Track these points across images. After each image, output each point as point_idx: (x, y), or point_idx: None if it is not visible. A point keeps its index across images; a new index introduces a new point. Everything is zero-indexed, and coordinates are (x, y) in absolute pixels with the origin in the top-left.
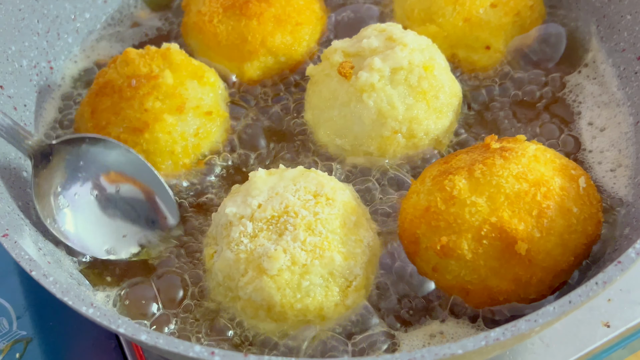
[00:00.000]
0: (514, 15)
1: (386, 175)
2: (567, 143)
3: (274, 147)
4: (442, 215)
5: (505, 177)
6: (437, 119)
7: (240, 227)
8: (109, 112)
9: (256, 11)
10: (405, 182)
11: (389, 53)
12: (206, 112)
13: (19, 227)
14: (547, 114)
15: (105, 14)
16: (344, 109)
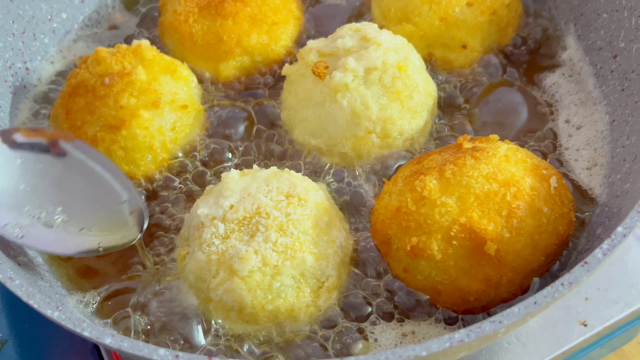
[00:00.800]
0: (490, 14)
1: (361, 175)
2: (544, 141)
3: (249, 147)
4: (413, 215)
5: (475, 178)
6: (411, 118)
7: (212, 229)
8: (84, 111)
9: (231, 11)
10: (379, 182)
11: (363, 53)
12: (182, 105)
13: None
14: (523, 112)
15: (82, 14)
16: (318, 109)
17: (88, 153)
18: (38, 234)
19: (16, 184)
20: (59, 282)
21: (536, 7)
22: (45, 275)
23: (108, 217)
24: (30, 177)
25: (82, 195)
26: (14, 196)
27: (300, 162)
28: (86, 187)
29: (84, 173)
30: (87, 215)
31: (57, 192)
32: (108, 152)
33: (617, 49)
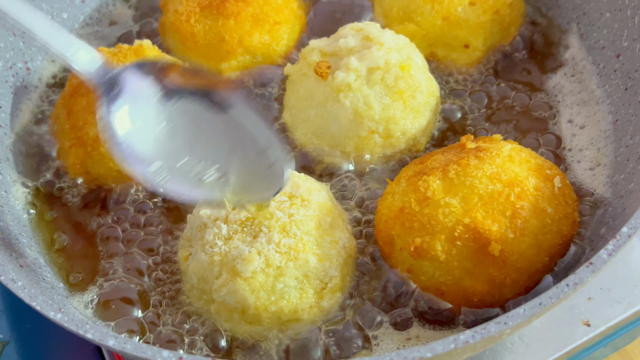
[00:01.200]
0: (492, 13)
1: (364, 175)
2: (547, 141)
3: None
4: (416, 216)
5: (479, 178)
6: (414, 118)
7: (215, 229)
8: (85, 111)
9: (233, 10)
10: (383, 183)
11: (365, 52)
12: None
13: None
14: (526, 112)
15: (83, 13)
16: (320, 109)
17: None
18: (181, 183)
19: (166, 130)
20: (60, 284)
21: (539, 6)
22: (47, 276)
23: (252, 170)
24: (181, 124)
25: (230, 146)
26: (162, 142)
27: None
28: (236, 139)
29: (236, 126)
30: (234, 168)
31: (205, 142)
32: (109, 153)
33: (620, 48)
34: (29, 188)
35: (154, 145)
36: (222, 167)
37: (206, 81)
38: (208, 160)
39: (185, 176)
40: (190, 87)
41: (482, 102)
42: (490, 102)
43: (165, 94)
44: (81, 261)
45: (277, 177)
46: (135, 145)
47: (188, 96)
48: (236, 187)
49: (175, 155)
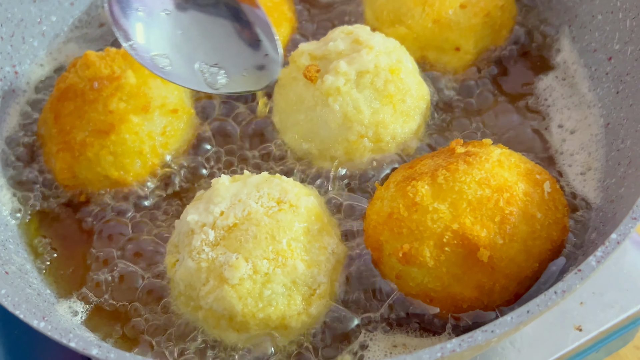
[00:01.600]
0: (484, 16)
1: (353, 179)
2: (537, 145)
3: (240, 151)
4: (405, 222)
5: (467, 183)
6: (404, 122)
7: (202, 235)
8: (73, 116)
9: None
10: (371, 187)
11: (354, 56)
12: (172, 110)
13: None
14: (517, 116)
15: (72, 16)
16: (310, 113)
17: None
18: (182, 71)
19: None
20: (47, 290)
21: (530, 9)
22: (34, 283)
23: (253, 52)
24: (188, 26)
25: (232, 46)
26: (167, 37)
27: (292, 167)
28: (238, 42)
29: (240, 30)
30: (231, 58)
31: (209, 42)
32: (97, 158)
33: (611, 51)
34: (16, 193)
35: (160, 37)
36: (221, 64)
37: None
38: (210, 57)
39: (187, 67)
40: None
41: (472, 106)
42: (481, 105)
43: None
44: (68, 267)
45: (269, 73)
46: (143, 32)
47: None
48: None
49: (179, 49)
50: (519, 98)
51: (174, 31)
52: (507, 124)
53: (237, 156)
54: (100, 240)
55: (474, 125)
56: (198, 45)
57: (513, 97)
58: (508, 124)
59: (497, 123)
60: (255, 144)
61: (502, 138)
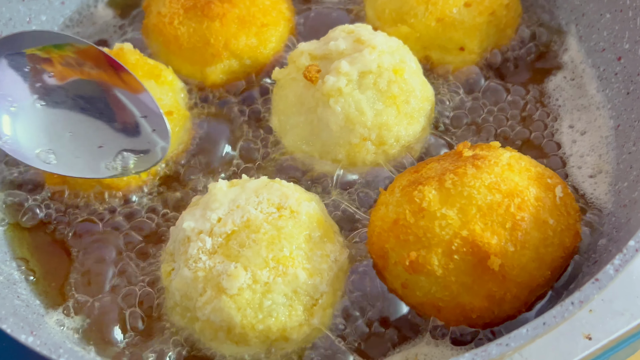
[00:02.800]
0: (488, 14)
1: (355, 184)
2: (547, 147)
3: (238, 155)
4: (411, 228)
5: (477, 188)
6: (408, 124)
7: (199, 243)
8: None
9: (219, 12)
10: (375, 192)
11: (356, 56)
12: (166, 112)
13: None
14: (525, 118)
15: (63, 15)
16: (310, 115)
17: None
18: (69, 161)
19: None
20: (36, 301)
21: (536, 7)
22: (22, 293)
23: (134, 138)
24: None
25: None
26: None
27: (292, 171)
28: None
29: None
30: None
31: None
32: None
33: (621, 51)
34: (4, 200)
35: (36, 133)
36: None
37: (101, 75)
38: (93, 142)
39: (72, 155)
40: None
41: (478, 107)
42: (487, 106)
43: (44, 92)
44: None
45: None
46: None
47: (71, 92)
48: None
49: (59, 140)
50: (526, 98)
51: (52, 123)
52: (514, 125)
53: (234, 160)
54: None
55: (480, 127)
56: (77, 136)
57: (520, 97)
58: (516, 126)
59: (505, 125)
60: (253, 148)
61: (510, 140)
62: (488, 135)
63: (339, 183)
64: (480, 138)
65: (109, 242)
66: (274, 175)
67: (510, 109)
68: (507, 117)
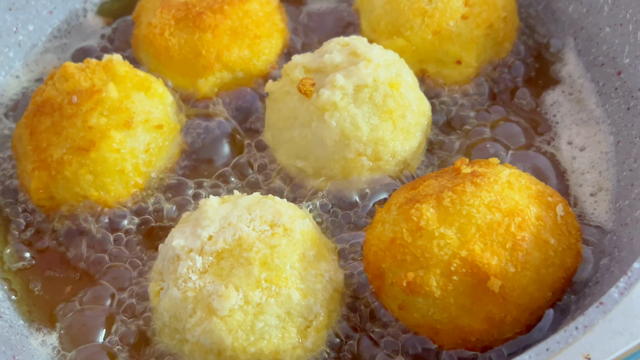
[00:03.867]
0: (486, 27)
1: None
2: (545, 164)
3: (229, 169)
4: (409, 248)
5: (476, 207)
6: (404, 140)
7: (189, 262)
8: (49, 132)
9: (210, 23)
10: (371, 209)
11: (352, 69)
12: (156, 125)
13: None
14: (523, 133)
15: (50, 25)
16: (304, 129)
17: None
18: None
19: None
20: (20, 320)
21: (534, 20)
22: (6, 313)
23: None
24: None
25: None
26: None
27: (285, 187)
28: None
29: None
30: None
31: None
32: (75, 177)
33: (621, 65)
34: None
35: None
36: None
37: None
38: None
39: None
40: None
41: (475, 122)
42: (484, 121)
43: None
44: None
45: None
46: None
47: None
48: None
49: None
50: (525, 113)
51: None
52: (513, 141)
53: (226, 174)
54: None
55: (477, 143)
56: None
57: (518, 112)
58: (514, 141)
59: (502, 140)
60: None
61: (509, 157)
62: (485, 150)
63: (333, 199)
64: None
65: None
66: (267, 191)
67: (508, 123)
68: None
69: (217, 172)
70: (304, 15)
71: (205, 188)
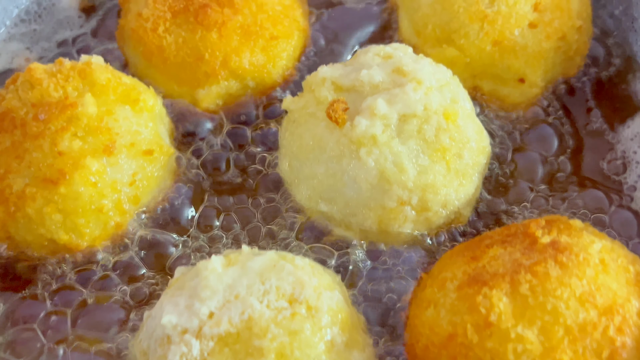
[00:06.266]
0: (558, 39)
1: (387, 259)
2: (623, 219)
3: (235, 210)
4: (474, 350)
5: (565, 300)
6: (459, 185)
7: (182, 347)
8: (8, 154)
9: (217, 20)
10: (414, 274)
11: (397, 93)
12: (145, 150)
13: None
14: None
15: (17, 6)
16: (333, 166)
17: None
18: None
19: None
20: None
21: (610, 30)
22: None
23: None
24: None
25: None
26: None
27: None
28: None
29: None
30: None
31: None
32: (40, 216)
33: None
34: None
35: None
36: None
37: None
38: None
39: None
40: None
41: (537, 157)
42: (551, 157)
43: None
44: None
45: None
46: None
47: None
48: None
49: None
50: (597, 146)
51: None
52: (583, 183)
53: (230, 216)
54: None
55: (540, 183)
56: None
57: (589, 145)
58: (585, 184)
59: (571, 181)
60: (255, 200)
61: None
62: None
63: (366, 257)
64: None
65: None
66: (282, 241)
67: (577, 158)
68: (572, 170)
69: (219, 213)
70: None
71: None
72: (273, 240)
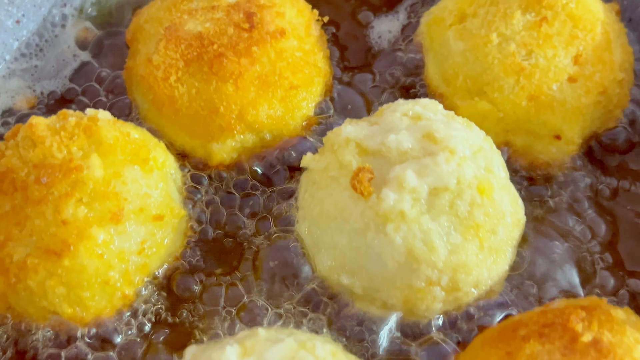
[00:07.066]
0: (598, 93)
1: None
2: None
3: (249, 280)
4: None
5: None
6: (492, 264)
7: None
8: (9, 220)
9: (233, 70)
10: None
11: (427, 163)
12: (155, 215)
13: None
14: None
15: (17, 39)
16: (357, 238)
17: None
18: None
19: None
20: None
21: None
22: None
23: None
24: None
25: None
26: None
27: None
28: None
29: None
30: None
31: None
32: (42, 288)
33: None
34: None
35: None
36: None
37: None
38: None
39: None
40: None
41: (574, 223)
42: (590, 228)
43: None
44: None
45: None
46: None
47: None
48: None
49: None
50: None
51: None
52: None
53: (243, 286)
54: None
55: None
56: None
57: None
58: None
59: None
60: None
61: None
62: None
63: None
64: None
65: None
66: (297, 315)
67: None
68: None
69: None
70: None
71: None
72: (290, 315)
